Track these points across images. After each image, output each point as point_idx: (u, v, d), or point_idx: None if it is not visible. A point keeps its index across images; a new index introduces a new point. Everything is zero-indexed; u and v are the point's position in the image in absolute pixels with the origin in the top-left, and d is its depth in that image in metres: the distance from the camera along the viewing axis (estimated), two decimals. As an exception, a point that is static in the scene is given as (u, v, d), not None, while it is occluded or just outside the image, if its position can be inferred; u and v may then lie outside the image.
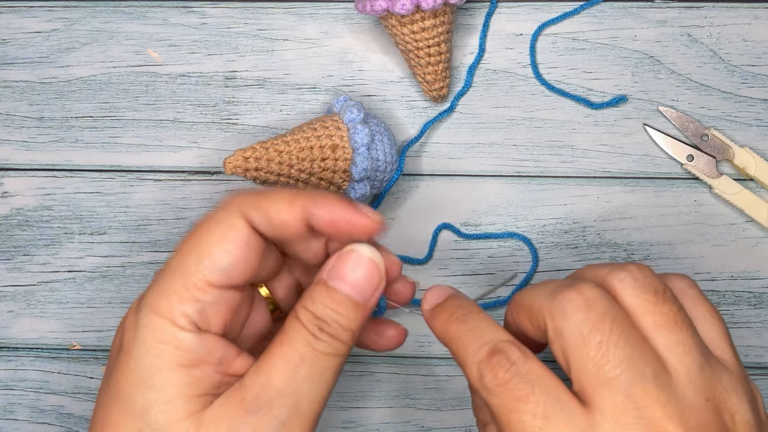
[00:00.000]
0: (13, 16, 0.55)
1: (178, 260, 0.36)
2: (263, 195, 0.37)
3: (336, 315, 0.37)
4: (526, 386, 0.34)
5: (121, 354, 0.36)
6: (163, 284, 0.36)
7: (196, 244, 0.36)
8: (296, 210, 0.37)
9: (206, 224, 0.37)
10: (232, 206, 0.37)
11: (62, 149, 0.54)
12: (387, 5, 0.48)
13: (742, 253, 0.52)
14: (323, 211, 0.37)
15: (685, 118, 0.52)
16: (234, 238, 0.36)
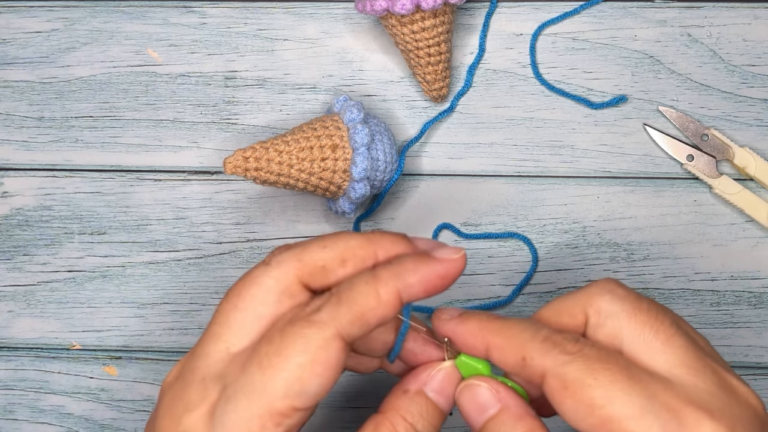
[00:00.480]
0: (13, 16, 0.55)
1: (262, 380, 0.34)
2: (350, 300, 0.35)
3: (429, 426, 0.38)
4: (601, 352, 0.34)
5: None
6: (243, 408, 0.34)
7: (283, 364, 0.34)
8: (389, 299, 0.35)
9: (294, 339, 0.34)
10: (324, 322, 0.34)
11: (62, 149, 0.54)
12: (387, 5, 0.48)
13: (742, 253, 0.52)
14: (415, 287, 0.35)
15: (685, 118, 0.52)
16: (328, 360, 0.34)
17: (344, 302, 0.34)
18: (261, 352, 0.34)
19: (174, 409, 0.36)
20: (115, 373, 0.53)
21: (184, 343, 0.53)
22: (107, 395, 0.53)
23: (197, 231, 0.54)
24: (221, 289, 0.53)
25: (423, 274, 0.35)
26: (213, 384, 0.35)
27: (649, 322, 0.35)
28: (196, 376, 0.36)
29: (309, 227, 0.53)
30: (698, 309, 0.52)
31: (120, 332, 0.54)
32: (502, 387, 0.37)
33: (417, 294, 0.36)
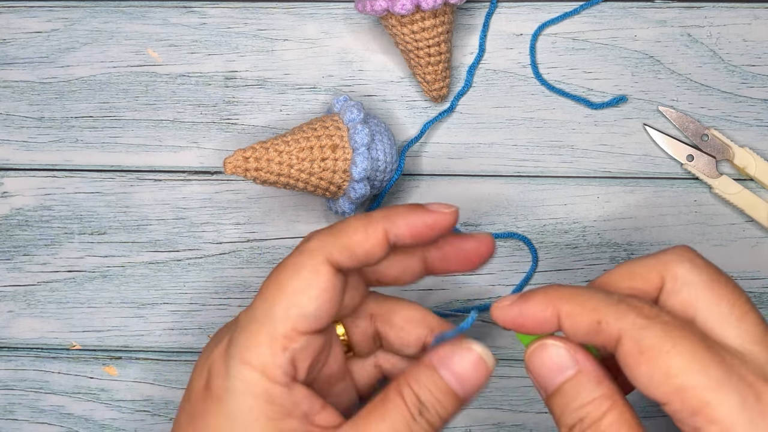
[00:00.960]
0: (13, 16, 0.55)
1: (265, 309, 0.37)
2: (339, 230, 0.38)
3: (437, 403, 0.37)
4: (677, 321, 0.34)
5: (210, 399, 0.38)
6: (251, 334, 0.37)
7: (282, 292, 0.37)
8: (376, 236, 0.38)
9: (289, 270, 0.38)
10: (314, 250, 0.38)
11: (62, 149, 0.54)
12: (387, 5, 0.48)
13: (742, 253, 0.52)
14: (401, 228, 0.38)
15: (685, 118, 0.52)
16: (319, 283, 0.37)
17: (334, 233, 0.38)
18: (263, 286, 0.38)
19: (208, 348, 0.40)
20: (115, 373, 0.53)
21: (184, 343, 0.53)
22: (107, 395, 0.53)
23: (197, 231, 0.54)
24: (221, 289, 0.53)
25: (411, 220, 0.38)
26: (235, 323, 0.39)
27: (726, 295, 0.35)
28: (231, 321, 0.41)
29: (309, 227, 0.53)
30: (698, 309, 0.52)
31: (120, 332, 0.54)
32: (580, 348, 0.37)
33: (403, 237, 0.38)
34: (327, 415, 0.38)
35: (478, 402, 0.52)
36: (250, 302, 0.42)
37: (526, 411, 0.52)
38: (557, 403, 0.36)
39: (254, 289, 0.53)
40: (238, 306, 0.53)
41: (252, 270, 0.53)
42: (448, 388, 0.38)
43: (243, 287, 0.53)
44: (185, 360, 0.53)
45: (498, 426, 0.52)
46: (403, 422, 0.37)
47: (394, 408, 0.37)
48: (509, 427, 0.52)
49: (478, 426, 0.52)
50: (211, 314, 0.53)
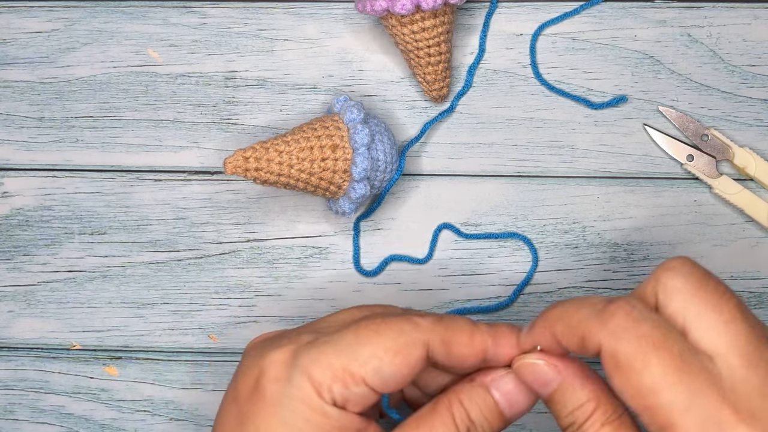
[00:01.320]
0: (13, 16, 0.55)
1: (352, 343, 0.38)
2: (449, 325, 0.39)
3: (485, 422, 0.39)
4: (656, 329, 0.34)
5: (261, 401, 0.38)
6: (326, 355, 0.38)
7: (376, 340, 0.38)
8: (476, 347, 0.39)
9: (393, 328, 0.38)
10: (423, 329, 0.38)
11: (62, 149, 0.54)
12: (387, 5, 0.48)
13: (742, 253, 0.52)
14: (500, 353, 0.39)
15: (685, 118, 0.52)
16: (408, 357, 0.38)
17: (444, 324, 0.39)
18: (362, 324, 0.38)
19: (264, 348, 0.40)
20: (115, 373, 0.53)
21: (184, 343, 0.53)
22: (107, 395, 0.53)
23: (197, 231, 0.54)
24: (221, 289, 0.53)
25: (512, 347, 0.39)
26: (308, 333, 0.40)
27: (713, 301, 0.35)
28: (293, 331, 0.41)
29: (309, 227, 0.53)
30: (698, 309, 0.52)
31: (120, 332, 0.54)
32: (561, 358, 0.38)
33: (497, 360, 0.39)
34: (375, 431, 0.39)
35: (478, 402, 0.52)
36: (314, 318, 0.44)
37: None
38: (553, 410, 0.38)
39: (254, 289, 0.53)
40: (238, 306, 0.53)
41: (252, 270, 0.53)
42: (497, 408, 0.39)
43: (243, 287, 0.53)
44: (185, 360, 0.53)
45: (498, 426, 0.52)
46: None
47: (441, 422, 0.38)
48: (509, 427, 0.52)
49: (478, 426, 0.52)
50: (211, 314, 0.53)
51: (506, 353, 0.39)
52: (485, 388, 0.39)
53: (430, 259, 0.53)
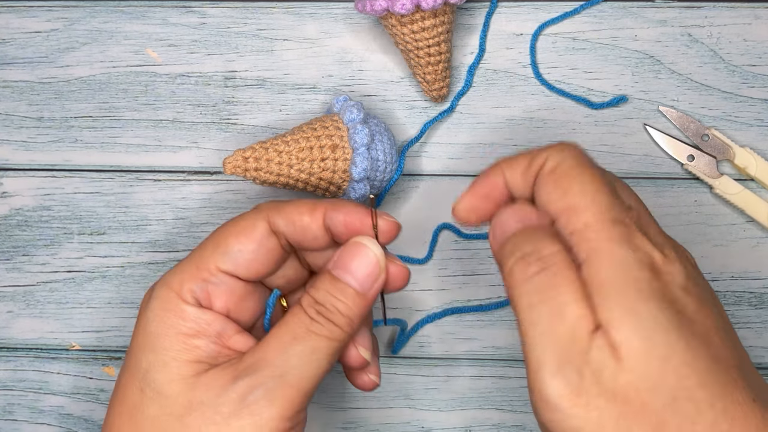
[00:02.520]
0: (13, 16, 0.55)
1: (198, 248, 0.41)
2: (286, 201, 0.42)
3: (336, 301, 0.40)
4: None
5: (137, 324, 0.41)
6: (179, 266, 0.41)
7: (217, 235, 0.41)
8: (317, 214, 0.41)
9: (231, 222, 0.42)
10: (258, 210, 0.42)
11: (61, 149, 0.54)
12: (387, 5, 0.48)
13: (742, 253, 0.52)
14: (340, 214, 0.41)
15: (686, 118, 0.52)
16: (250, 234, 0.41)
17: (283, 202, 0.42)
18: (212, 232, 0.42)
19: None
20: (114, 374, 0.53)
21: (184, 343, 0.53)
22: (107, 395, 0.53)
23: (197, 231, 0.54)
24: (221, 289, 0.53)
25: (351, 213, 0.41)
26: None
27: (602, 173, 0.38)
28: None
29: (309, 227, 0.53)
30: (699, 309, 0.52)
31: (120, 332, 0.53)
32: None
33: (338, 224, 0.41)
34: (242, 339, 0.40)
35: (477, 402, 0.52)
36: None
37: (526, 411, 0.52)
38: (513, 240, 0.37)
39: (254, 289, 0.53)
40: (238, 306, 0.53)
41: (252, 270, 0.53)
42: (345, 286, 0.40)
43: (243, 287, 0.53)
44: (185, 360, 0.53)
45: (498, 426, 0.52)
46: (299, 324, 0.39)
47: (292, 315, 0.40)
48: (509, 427, 0.52)
49: (478, 426, 0.52)
50: (211, 314, 0.53)
51: (351, 228, 0.41)
52: (327, 272, 0.40)
53: (430, 259, 0.53)
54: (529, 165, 0.38)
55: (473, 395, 0.52)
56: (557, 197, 0.36)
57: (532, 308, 0.34)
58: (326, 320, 0.39)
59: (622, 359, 0.32)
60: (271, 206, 0.42)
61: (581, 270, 0.34)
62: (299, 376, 0.38)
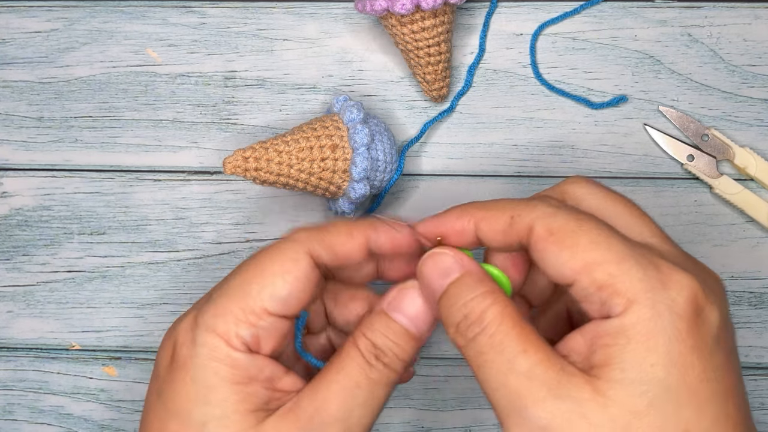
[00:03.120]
0: (13, 16, 0.55)
1: (240, 284, 0.39)
2: (326, 229, 0.40)
3: (392, 345, 0.38)
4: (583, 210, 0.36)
5: (175, 369, 0.38)
6: (222, 305, 0.38)
7: (260, 271, 0.38)
8: (357, 240, 0.40)
9: (271, 253, 0.39)
10: (298, 240, 0.39)
11: (61, 149, 0.54)
12: (387, 5, 0.48)
13: (742, 253, 0.52)
14: (383, 240, 0.40)
15: (686, 118, 0.52)
16: (296, 271, 0.38)
17: (320, 230, 0.40)
18: (242, 266, 0.39)
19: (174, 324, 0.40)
20: (114, 374, 0.53)
21: (184, 343, 0.53)
22: (107, 395, 0.53)
23: (197, 231, 0.54)
24: (221, 289, 0.53)
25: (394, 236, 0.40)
26: (205, 296, 0.41)
27: (622, 201, 0.38)
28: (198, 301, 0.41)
29: (309, 227, 0.53)
30: (698, 309, 0.52)
31: (119, 332, 0.53)
32: (465, 257, 0.38)
33: (383, 247, 0.40)
34: (290, 380, 0.39)
35: (477, 402, 0.52)
36: None
37: (526, 411, 0.52)
38: (444, 305, 0.37)
39: (254, 289, 0.53)
40: (238, 306, 0.53)
41: (252, 270, 0.53)
42: (401, 329, 0.39)
43: (243, 287, 0.53)
44: (185, 360, 0.53)
45: (498, 426, 0.52)
46: (360, 370, 0.38)
47: (351, 360, 0.38)
48: None
49: (478, 426, 0.52)
50: (211, 314, 0.53)
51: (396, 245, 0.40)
52: (384, 314, 0.39)
53: (430, 260, 0.53)
54: (510, 225, 0.37)
55: (473, 395, 0.52)
56: (568, 258, 0.35)
57: (481, 369, 0.35)
58: (384, 366, 0.38)
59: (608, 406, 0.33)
60: (311, 236, 0.39)
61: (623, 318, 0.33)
62: (360, 427, 0.38)
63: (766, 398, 0.52)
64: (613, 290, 0.33)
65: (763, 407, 0.52)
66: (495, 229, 0.37)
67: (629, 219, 0.37)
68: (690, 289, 0.34)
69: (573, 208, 0.36)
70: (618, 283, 0.33)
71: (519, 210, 0.37)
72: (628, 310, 0.33)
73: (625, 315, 0.33)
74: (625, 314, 0.33)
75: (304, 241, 0.39)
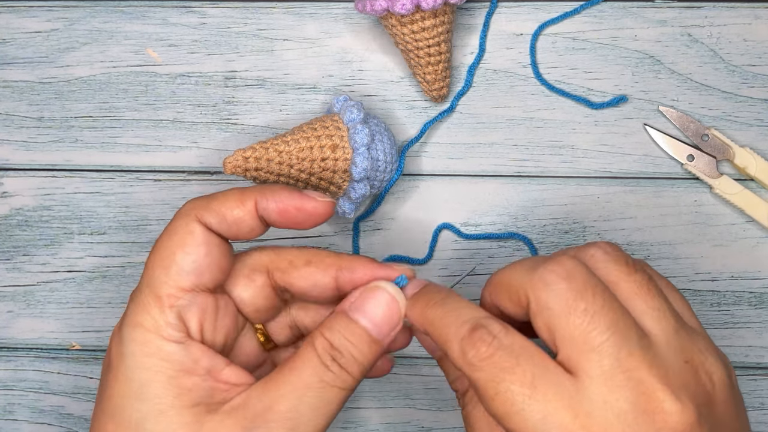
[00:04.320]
0: (13, 16, 0.55)
1: (148, 275, 0.38)
2: (213, 196, 0.40)
3: (351, 347, 0.37)
4: (510, 357, 0.34)
5: (110, 370, 0.38)
6: (139, 300, 0.38)
7: (160, 256, 0.38)
8: (247, 205, 0.39)
9: (165, 236, 0.39)
10: (185, 213, 0.39)
11: (62, 149, 0.54)
12: (387, 5, 0.48)
13: (742, 253, 0.52)
14: (272, 202, 0.39)
15: (686, 118, 0.52)
16: (192, 241, 0.38)
17: (207, 198, 0.39)
18: (149, 257, 0.39)
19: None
20: (114, 374, 0.53)
21: (184, 343, 0.53)
22: (107, 395, 0.53)
23: (197, 231, 0.54)
24: (221, 289, 0.53)
25: (282, 198, 0.39)
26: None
27: (582, 326, 0.34)
28: None
29: (309, 227, 0.53)
30: (698, 309, 0.52)
31: (120, 332, 0.53)
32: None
33: (272, 212, 0.39)
34: (234, 373, 0.38)
35: (478, 402, 0.52)
36: None
37: (526, 411, 0.52)
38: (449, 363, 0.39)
39: (254, 289, 0.53)
40: (238, 306, 0.53)
41: (252, 270, 0.53)
42: (362, 331, 0.38)
43: (243, 287, 0.53)
44: (185, 360, 0.53)
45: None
46: (313, 373, 0.37)
47: (305, 361, 0.37)
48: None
49: (478, 426, 0.52)
50: (211, 314, 0.53)
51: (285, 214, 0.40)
52: (344, 314, 0.38)
53: (430, 260, 0.53)
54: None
55: (473, 395, 0.52)
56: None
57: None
58: (340, 369, 0.37)
59: None
60: (198, 204, 0.39)
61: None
62: (311, 427, 0.36)
63: (766, 398, 0.52)
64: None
65: (763, 407, 0.52)
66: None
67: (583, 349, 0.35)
68: (679, 426, 0.33)
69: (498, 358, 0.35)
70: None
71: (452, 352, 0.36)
72: None
73: None
74: None
75: (190, 210, 0.39)
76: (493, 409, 0.34)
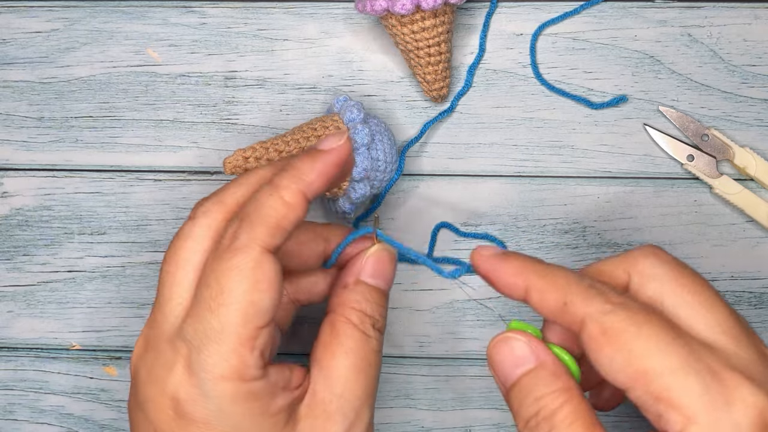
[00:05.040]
0: (13, 16, 0.55)
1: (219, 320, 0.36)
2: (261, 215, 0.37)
3: (381, 310, 0.40)
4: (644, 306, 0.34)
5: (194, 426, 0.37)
6: (215, 350, 0.36)
7: (232, 298, 0.36)
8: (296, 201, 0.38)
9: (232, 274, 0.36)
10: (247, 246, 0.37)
11: (62, 149, 0.54)
12: (387, 5, 0.48)
13: (742, 253, 0.52)
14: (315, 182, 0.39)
15: (686, 118, 0.52)
16: (265, 276, 0.36)
17: (256, 220, 0.37)
18: (206, 298, 0.36)
19: (155, 375, 0.38)
20: (115, 374, 0.53)
21: (184, 343, 0.53)
22: (107, 395, 0.53)
23: (197, 231, 0.54)
24: (221, 289, 0.53)
25: (319, 169, 0.39)
26: (179, 341, 0.37)
27: (693, 287, 0.35)
28: (163, 340, 0.38)
29: (309, 227, 0.53)
30: (698, 309, 0.52)
31: (120, 332, 0.54)
32: (541, 344, 0.36)
33: (319, 188, 0.39)
34: (296, 375, 0.39)
35: (478, 402, 0.52)
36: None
37: (526, 411, 0.52)
38: (515, 397, 0.36)
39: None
40: (238, 306, 0.53)
41: (252, 270, 0.53)
42: (381, 293, 0.41)
43: (243, 287, 0.53)
44: (185, 360, 0.53)
45: (498, 426, 0.52)
46: (362, 344, 0.39)
47: (348, 335, 0.39)
48: (509, 427, 0.52)
49: (478, 426, 0.52)
50: (211, 314, 0.53)
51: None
52: (363, 283, 0.40)
53: (430, 259, 0.53)
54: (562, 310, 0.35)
55: (473, 395, 0.52)
56: (622, 364, 0.32)
57: None
58: (377, 332, 0.40)
59: None
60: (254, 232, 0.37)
61: None
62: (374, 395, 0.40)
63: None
64: (670, 404, 0.31)
65: (763, 407, 0.52)
66: (546, 305, 0.35)
67: (698, 309, 0.35)
68: (756, 409, 0.31)
69: (631, 305, 0.34)
70: (675, 397, 0.31)
71: (574, 296, 0.34)
72: (686, 429, 0.31)
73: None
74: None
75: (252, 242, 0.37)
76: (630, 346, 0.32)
